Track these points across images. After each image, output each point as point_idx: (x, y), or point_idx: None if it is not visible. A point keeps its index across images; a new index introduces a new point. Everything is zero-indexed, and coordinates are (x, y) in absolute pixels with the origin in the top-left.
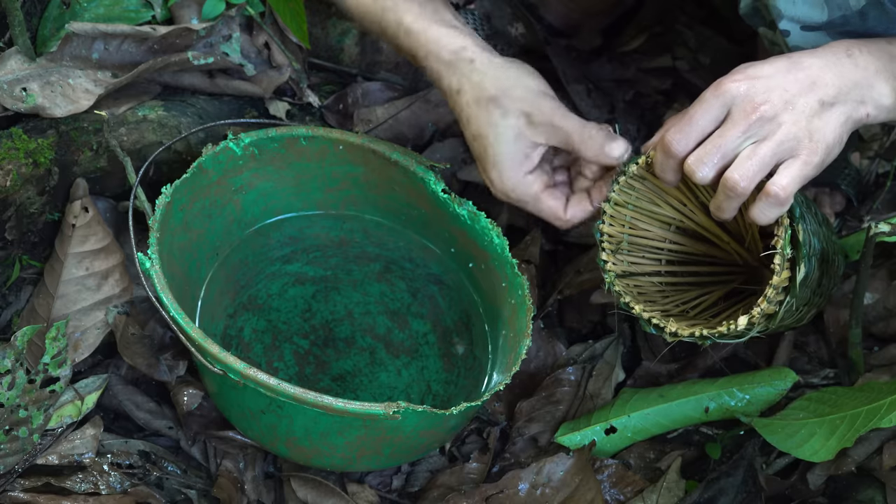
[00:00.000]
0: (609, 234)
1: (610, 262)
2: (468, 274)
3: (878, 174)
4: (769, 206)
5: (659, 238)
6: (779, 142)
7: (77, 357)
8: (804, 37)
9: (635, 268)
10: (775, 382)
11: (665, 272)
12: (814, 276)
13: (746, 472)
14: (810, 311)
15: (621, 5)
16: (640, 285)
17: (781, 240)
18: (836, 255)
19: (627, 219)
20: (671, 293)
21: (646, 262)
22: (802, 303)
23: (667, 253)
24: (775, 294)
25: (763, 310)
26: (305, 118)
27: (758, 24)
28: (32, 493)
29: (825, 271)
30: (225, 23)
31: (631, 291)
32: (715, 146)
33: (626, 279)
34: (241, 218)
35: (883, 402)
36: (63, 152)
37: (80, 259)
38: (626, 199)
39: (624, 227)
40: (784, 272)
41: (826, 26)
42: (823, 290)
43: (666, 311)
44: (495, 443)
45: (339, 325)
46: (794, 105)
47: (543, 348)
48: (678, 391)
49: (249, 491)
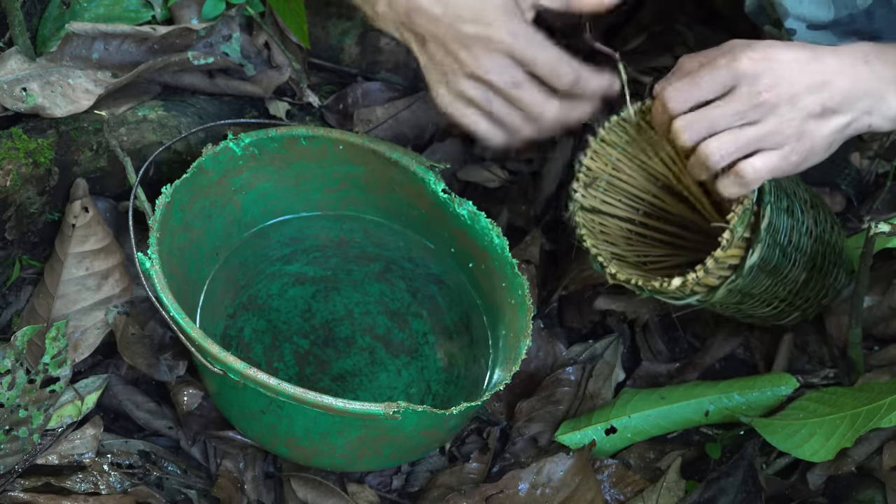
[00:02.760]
0: (588, 168)
1: (580, 193)
2: (468, 274)
3: (878, 174)
4: (734, 182)
5: (641, 188)
6: (767, 131)
7: (77, 357)
8: (810, 36)
9: (607, 207)
10: (776, 388)
11: (639, 222)
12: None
13: (746, 472)
14: (793, 313)
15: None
16: (607, 226)
17: (736, 216)
18: (836, 268)
19: (612, 159)
20: (637, 243)
21: (620, 206)
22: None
23: (646, 205)
24: (716, 266)
25: (699, 278)
26: (305, 118)
27: (763, 22)
28: (32, 493)
29: (813, 276)
30: (225, 23)
31: (592, 227)
32: (707, 117)
33: (594, 215)
34: (241, 218)
35: (883, 402)
36: (63, 152)
37: (80, 259)
38: (614, 140)
39: (607, 166)
40: (733, 249)
41: (832, 25)
42: (811, 295)
43: (621, 256)
44: (495, 443)
45: (339, 325)
46: (798, 102)
47: (543, 348)
48: (679, 393)
49: (249, 491)
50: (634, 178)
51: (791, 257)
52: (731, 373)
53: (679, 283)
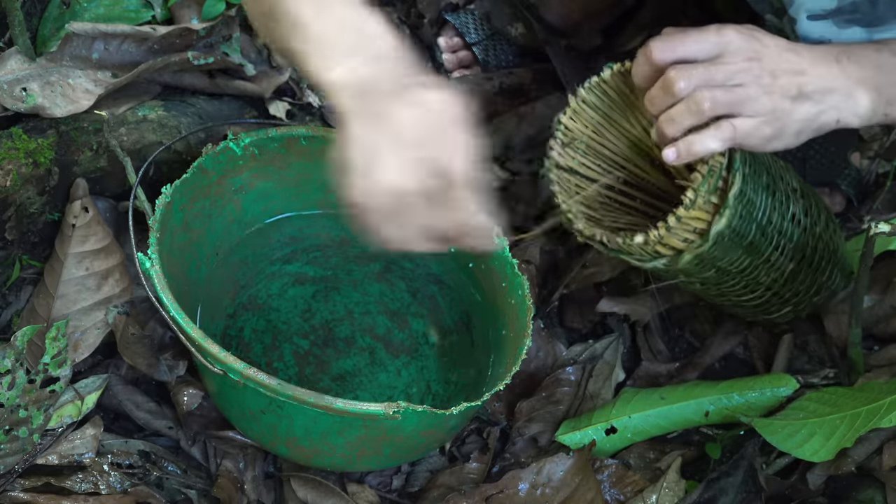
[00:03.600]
0: (566, 127)
1: (556, 151)
2: (468, 274)
3: (878, 174)
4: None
5: (622, 155)
6: (749, 96)
7: (77, 357)
8: (811, 26)
9: (585, 170)
10: (775, 388)
11: (618, 190)
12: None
13: (746, 472)
14: (782, 308)
15: (621, 5)
16: (582, 187)
17: (701, 176)
18: (830, 266)
19: (593, 122)
20: (615, 210)
21: (598, 169)
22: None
23: (627, 174)
24: (680, 227)
25: (661, 236)
26: (305, 118)
27: (765, 10)
28: (32, 493)
29: (802, 269)
30: (225, 23)
31: (567, 188)
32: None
33: (570, 175)
34: (241, 218)
35: (883, 402)
36: (63, 152)
37: (80, 259)
38: (594, 102)
39: (587, 129)
40: (697, 211)
41: (835, 13)
42: (801, 290)
43: (596, 220)
44: (495, 443)
45: (338, 325)
46: (777, 78)
47: (543, 348)
48: (679, 394)
49: (249, 491)
50: (615, 144)
51: (772, 239)
52: (730, 373)
53: (641, 239)
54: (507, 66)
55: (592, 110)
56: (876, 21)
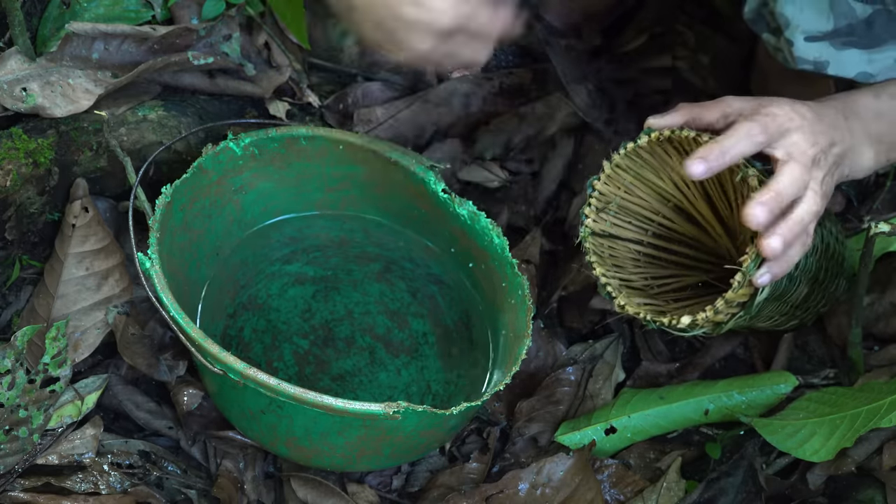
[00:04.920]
0: (601, 192)
1: (591, 219)
2: (468, 274)
3: (878, 174)
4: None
5: (652, 210)
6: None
7: (77, 357)
8: (808, 47)
9: (617, 230)
10: (776, 386)
11: (647, 243)
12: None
13: (746, 472)
14: (790, 321)
15: (621, 5)
16: (616, 248)
17: (750, 259)
18: (838, 278)
19: (626, 182)
20: (645, 265)
21: (630, 228)
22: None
23: (656, 226)
24: (726, 306)
25: (709, 317)
26: (305, 118)
27: (761, 29)
28: (32, 493)
29: (815, 290)
30: (225, 23)
31: (601, 252)
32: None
33: (603, 239)
34: (241, 218)
35: (883, 402)
36: (63, 152)
37: (80, 259)
38: (628, 165)
39: (619, 190)
40: (743, 290)
41: (832, 35)
42: (811, 306)
43: (628, 281)
44: (495, 443)
45: (338, 324)
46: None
47: (543, 348)
48: (678, 393)
49: (249, 491)
50: (645, 199)
51: (797, 280)
52: (730, 373)
53: (688, 321)
54: (507, 66)
55: (625, 172)
56: (873, 43)
